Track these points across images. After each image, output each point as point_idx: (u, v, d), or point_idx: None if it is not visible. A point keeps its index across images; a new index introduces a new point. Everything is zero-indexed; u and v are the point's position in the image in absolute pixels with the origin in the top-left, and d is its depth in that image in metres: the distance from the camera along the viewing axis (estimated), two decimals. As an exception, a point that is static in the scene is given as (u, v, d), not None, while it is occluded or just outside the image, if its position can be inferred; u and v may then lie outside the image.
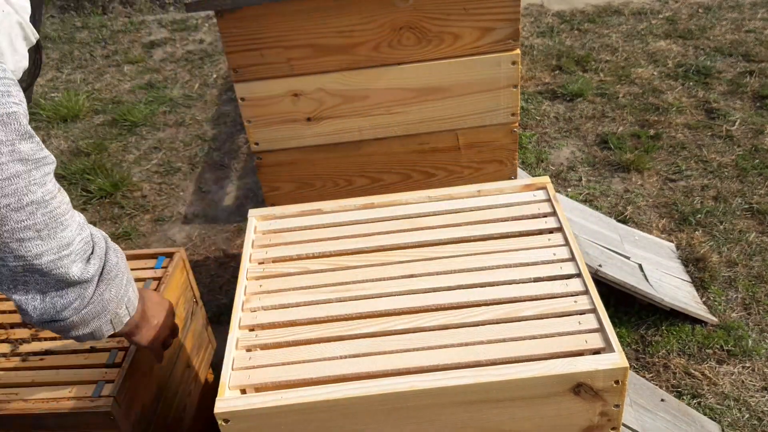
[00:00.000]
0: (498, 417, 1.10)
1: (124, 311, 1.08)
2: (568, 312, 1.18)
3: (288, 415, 1.07)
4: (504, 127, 1.85)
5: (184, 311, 1.61)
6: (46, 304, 0.95)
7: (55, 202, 0.91)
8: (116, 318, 1.07)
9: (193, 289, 1.67)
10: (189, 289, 1.65)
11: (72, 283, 0.95)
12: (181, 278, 1.60)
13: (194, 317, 1.67)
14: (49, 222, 0.90)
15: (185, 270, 1.63)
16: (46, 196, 0.89)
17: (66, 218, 0.93)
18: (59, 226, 0.91)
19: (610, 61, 3.52)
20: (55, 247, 0.91)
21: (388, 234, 1.39)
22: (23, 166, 0.86)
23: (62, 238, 0.92)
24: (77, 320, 1.00)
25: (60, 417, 1.29)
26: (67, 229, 0.93)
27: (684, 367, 1.95)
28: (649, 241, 2.36)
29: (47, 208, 0.90)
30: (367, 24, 1.67)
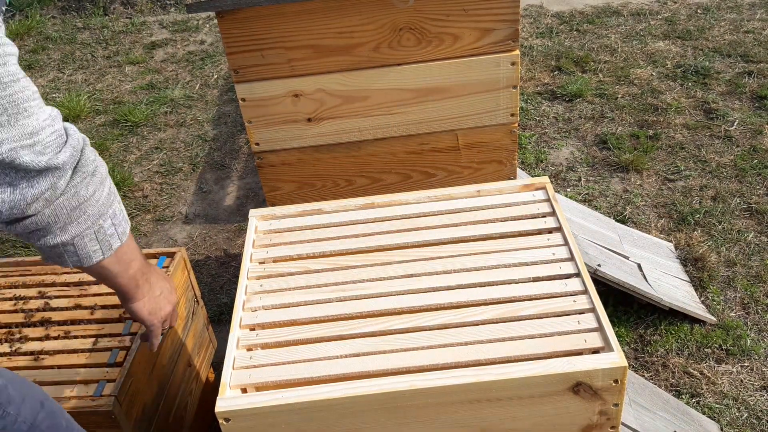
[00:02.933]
0: (498, 416, 1.11)
1: (109, 226, 0.96)
2: (567, 311, 1.18)
3: (288, 414, 1.07)
4: (503, 127, 1.86)
5: (185, 311, 1.62)
6: (15, 195, 0.84)
7: (16, 86, 0.81)
8: (101, 233, 0.95)
9: (194, 289, 1.67)
10: (190, 288, 1.65)
11: (41, 171, 0.84)
12: (182, 278, 1.61)
13: (195, 317, 1.67)
14: (8, 107, 0.80)
15: (186, 270, 1.63)
16: (5, 77, 0.80)
17: (31, 105, 0.83)
18: (21, 113, 0.82)
19: (609, 61, 3.52)
20: (16, 135, 0.81)
21: (388, 234, 1.40)
22: None
23: (26, 126, 0.82)
24: (50, 215, 0.88)
25: None
26: (32, 118, 0.83)
27: (683, 367, 1.96)
28: (647, 240, 2.36)
29: (7, 90, 0.80)
30: (368, 25, 1.68)
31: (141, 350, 1.39)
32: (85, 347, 1.41)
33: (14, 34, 4.44)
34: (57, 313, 1.51)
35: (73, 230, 0.91)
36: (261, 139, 1.84)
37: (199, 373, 1.69)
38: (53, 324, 1.48)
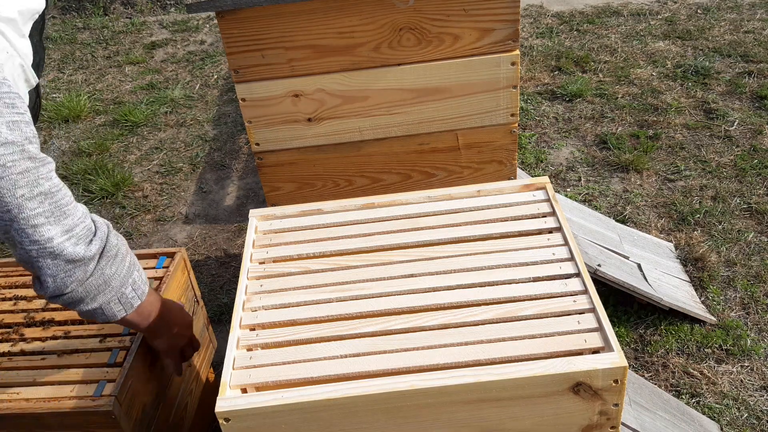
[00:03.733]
0: (498, 416, 1.11)
1: (130, 292, 1.19)
2: (567, 311, 1.18)
3: (288, 414, 1.07)
4: (503, 127, 1.86)
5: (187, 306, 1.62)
6: (57, 283, 1.08)
7: (59, 194, 1.05)
8: (123, 298, 1.18)
9: (194, 289, 1.68)
10: (190, 288, 1.65)
11: (76, 261, 1.08)
12: (182, 278, 1.61)
13: (195, 317, 1.67)
14: (55, 210, 1.04)
15: (186, 270, 1.64)
16: (52, 188, 1.03)
17: (69, 208, 1.06)
18: (63, 215, 1.05)
19: (609, 61, 3.52)
20: (60, 231, 1.04)
21: (388, 234, 1.40)
22: (32, 163, 1.00)
23: (66, 224, 1.05)
24: (82, 292, 1.11)
25: (61, 416, 1.30)
26: (70, 217, 1.06)
27: (683, 367, 1.96)
28: (647, 240, 2.36)
29: (54, 198, 1.03)
30: (368, 25, 1.68)
31: (141, 350, 1.39)
32: (85, 347, 1.41)
33: (14, 34, 4.44)
34: (57, 313, 1.51)
35: (100, 299, 1.15)
36: (261, 139, 1.84)
37: (199, 373, 1.69)
38: (53, 324, 1.48)
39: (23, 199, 0.99)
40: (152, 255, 1.63)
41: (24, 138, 0.99)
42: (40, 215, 1.02)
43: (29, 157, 1.00)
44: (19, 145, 0.98)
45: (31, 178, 1.00)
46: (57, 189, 1.05)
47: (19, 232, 1.02)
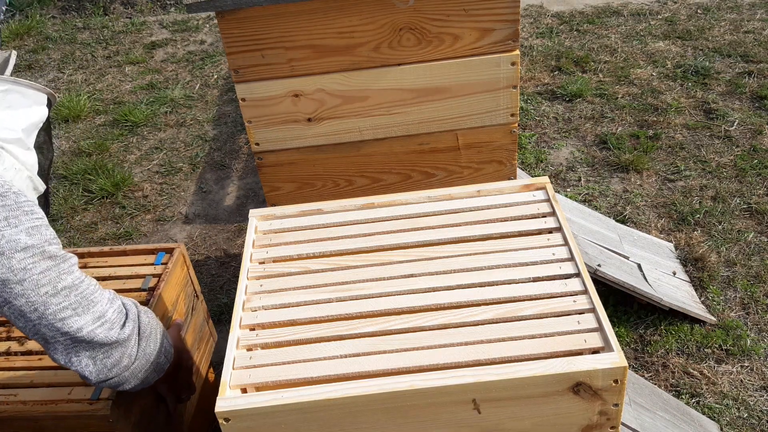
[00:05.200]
0: (497, 416, 1.11)
1: (164, 360, 1.27)
2: (567, 311, 1.18)
3: (288, 415, 1.07)
4: (503, 127, 1.86)
5: (185, 307, 1.62)
6: (98, 365, 1.13)
7: (83, 285, 1.10)
8: (158, 367, 1.26)
9: (193, 284, 1.68)
10: (189, 284, 1.65)
11: (113, 344, 1.13)
12: (181, 274, 1.61)
13: (195, 312, 1.68)
14: (81, 301, 1.09)
15: (185, 266, 1.64)
16: (75, 281, 1.09)
17: (95, 296, 1.12)
18: (90, 303, 1.10)
19: (609, 61, 3.52)
20: (90, 320, 1.10)
21: (388, 234, 1.40)
22: (52, 262, 1.06)
23: (95, 312, 1.11)
24: (129, 375, 1.19)
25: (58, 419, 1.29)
26: (98, 304, 1.11)
27: (683, 367, 1.96)
28: (647, 240, 2.36)
29: (78, 290, 1.09)
30: (368, 25, 1.68)
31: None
32: None
33: (14, 34, 4.45)
34: None
35: (142, 376, 1.22)
36: (261, 139, 1.84)
37: (199, 368, 1.69)
38: None
39: (47, 296, 1.05)
40: (150, 251, 1.63)
41: (44, 240, 1.05)
42: (67, 308, 1.07)
43: (49, 256, 1.05)
44: (39, 248, 1.04)
45: (52, 276, 1.05)
46: (80, 281, 1.09)
47: (49, 327, 1.07)
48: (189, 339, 1.64)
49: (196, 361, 1.66)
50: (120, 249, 1.66)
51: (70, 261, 1.10)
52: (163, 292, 1.51)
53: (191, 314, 1.66)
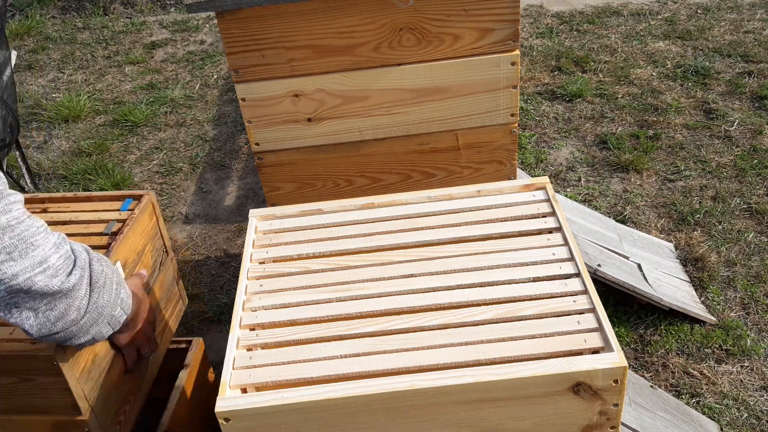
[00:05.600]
0: (497, 416, 1.11)
1: (119, 312, 1.16)
2: (567, 311, 1.18)
3: (288, 415, 1.07)
4: (503, 127, 1.86)
5: (151, 260, 1.53)
6: (40, 318, 1.02)
7: (22, 226, 0.98)
8: (113, 320, 1.15)
9: (163, 238, 1.55)
10: (159, 237, 1.54)
11: (56, 294, 1.01)
12: (149, 223, 1.49)
13: (163, 268, 1.57)
14: (18, 244, 0.96)
15: (155, 216, 1.51)
16: (11, 221, 0.96)
17: (37, 239, 0.99)
18: (30, 247, 0.98)
19: (609, 61, 3.52)
20: (28, 265, 0.97)
21: (388, 234, 1.40)
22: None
23: (35, 257, 0.98)
24: (77, 330, 1.08)
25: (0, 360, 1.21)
26: (39, 249, 0.99)
27: (683, 367, 1.96)
28: (647, 240, 2.36)
29: (14, 231, 0.96)
30: (368, 25, 1.68)
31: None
32: None
33: (14, 34, 4.44)
34: None
35: (93, 330, 1.11)
36: (261, 139, 1.84)
37: (165, 328, 1.60)
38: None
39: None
40: (117, 197, 1.51)
41: None
42: (0, 252, 0.95)
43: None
44: None
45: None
46: (18, 222, 0.97)
47: None
48: (155, 296, 1.54)
49: (162, 320, 1.59)
50: (84, 195, 1.53)
51: (8, 199, 0.98)
52: (127, 238, 1.40)
53: (159, 269, 1.55)
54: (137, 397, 1.48)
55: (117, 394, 1.39)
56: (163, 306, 1.59)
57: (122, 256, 1.38)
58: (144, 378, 1.49)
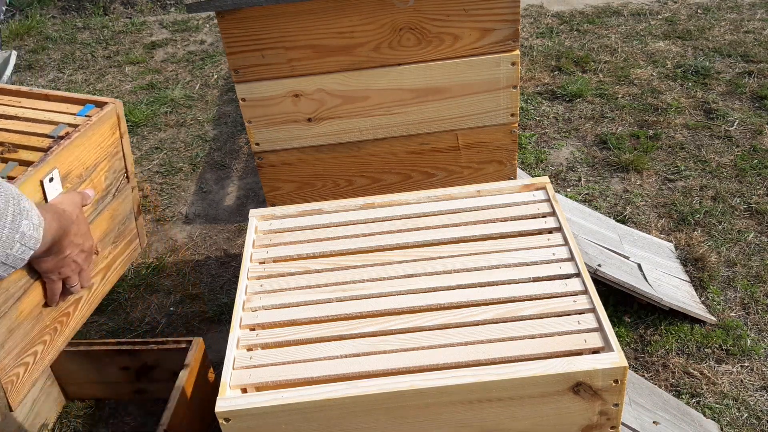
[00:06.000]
0: (497, 416, 1.11)
1: (18, 249, 0.96)
2: (567, 311, 1.18)
3: (288, 415, 1.07)
4: (503, 127, 1.86)
5: (105, 182, 1.32)
6: None
7: None
8: (10, 257, 0.96)
9: (125, 160, 1.33)
10: (119, 157, 1.30)
11: None
12: (108, 137, 1.26)
13: (120, 195, 1.34)
14: None
15: (118, 131, 1.29)
16: None
17: None
18: None
19: (609, 61, 3.52)
20: None
21: (388, 234, 1.40)
22: None
23: None
24: None
25: None
26: None
27: (683, 367, 1.96)
28: (648, 240, 2.36)
29: None
30: (368, 25, 1.68)
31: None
32: None
33: (14, 34, 4.44)
34: None
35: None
36: (261, 139, 1.84)
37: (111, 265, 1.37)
38: None
39: None
40: (78, 100, 1.33)
41: None
42: None
43: None
44: None
45: None
46: None
47: None
48: (101, 225, 1.33)
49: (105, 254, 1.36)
50: (42, 92, 1.36)
51: None
52: (74, 146, 1.19)
53: (114, 196, 1.34)
54: (56, 339, 1.26)
55: (26, 330, 1.17)
56: (112, 240, 1.37)
57: (63, 165, 1.17)
58: (70, 318, 1.28)
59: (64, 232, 1.09)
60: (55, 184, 1.18)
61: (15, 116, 1.28)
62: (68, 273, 1.15)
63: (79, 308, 1.32)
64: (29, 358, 1.20)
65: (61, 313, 1.26)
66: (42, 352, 1.23)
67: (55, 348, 1.27)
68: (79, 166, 1.24)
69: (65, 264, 1.13)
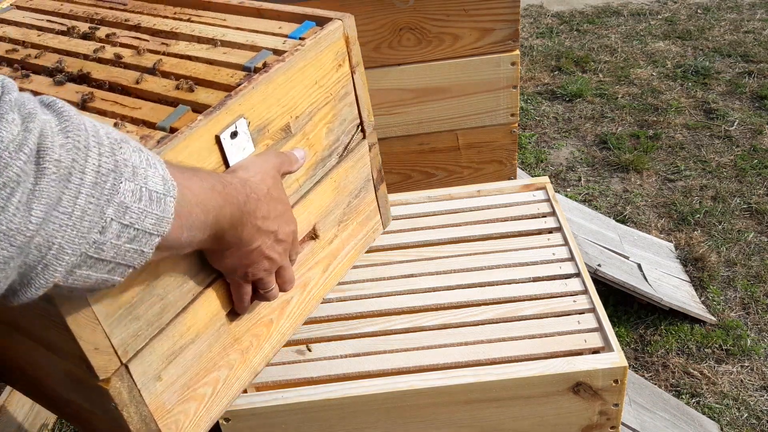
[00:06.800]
0: (497, 416, 1.11)
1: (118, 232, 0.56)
2: (567, 311, 1.18)
3: (288, 415, 1.07)
4: (503, 127, 1.85)
5: (325, 137, 0.88)
6: None
7: None
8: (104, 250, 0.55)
9: (358, 104, 0.92)
10: (349, 100, 0.90)
11: None
12: (328, 69, 0.86)
13: (351, 158, 0.92)
14: None
15: (346, 62, 0.87)
16: None
17: None
18: None
19: (609, 61, 3.52)
20: None
21: (388, 234, 1.40)
22: None
23: None
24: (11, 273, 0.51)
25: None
26: None
27: (683, 367, 1.96)
28: (647, 240, 2.36)
29: None
30: (368, 25, 1.68)
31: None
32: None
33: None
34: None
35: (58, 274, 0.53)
36: (261, 139, 1.84)
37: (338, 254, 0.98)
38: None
39: None
40: (298, 17, 0.91)
41: None
42: None
43: None
44: None
45: None
46: None
47: None
48: (321, 200, 0.91)
49: (328, 238, 0.94)
50: (254, 6, 0.98)
51: None
52: (273, 83, 0.79)
53: (340, 158, 0.92)
54: (249, 359, 0.89)
55: (199, 351, 0.80)
56: (338, 218, 0.96)
57: (256, 112, 0.78)
58: (272, 328, 0.90)
59: (245, 213, 0.71)
60: (241, 141, 0.77)
61: (212, 39, 0.91)
62: (259, 273, 0.79)
63: (286, 314, 0.94)
64: (204, 388, 0.85)
65: (258, 322, 0.89)
66: (227, 378, 0.88)
67: (248, 371, 0.92)
68: (284, 114, 0.83)
69: (253, 261, 0.77)
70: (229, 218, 0.69)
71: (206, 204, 0.65)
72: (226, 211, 0.68)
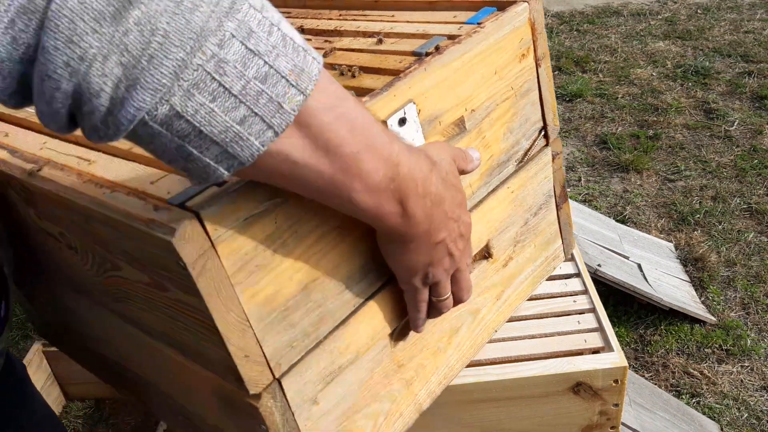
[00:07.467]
0: (497, 416, 1.11)
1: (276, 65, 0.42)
2: (567, 311, 1.18)
3: (289, 414, 1.07)
4: (503, 127, 1.85)
5: (503, 138, 0.76)
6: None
7: None
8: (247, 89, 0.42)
9: (542, 105, 0.81)
10: (532, 98, 0.79)
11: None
12: (510, 59, 0.74)
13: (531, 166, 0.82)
14: None
15: (530, 51, 0.76)
16: None
17: None
18: None
19: (609, 61, 3.52)
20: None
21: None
22: None
23: None
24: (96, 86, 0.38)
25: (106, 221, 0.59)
26: None
27: (683, 367, 1.96)
28: (647, 240, 2.36)
29: None
30: (368, 25, 1.68)
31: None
32: None
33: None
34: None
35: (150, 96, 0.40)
36: (261, 139, 1.84)
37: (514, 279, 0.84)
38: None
39: None
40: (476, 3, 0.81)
41: None
42: None
43: None
44: None
45: None
46: None
47: None
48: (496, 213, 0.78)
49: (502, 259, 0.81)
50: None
51: None
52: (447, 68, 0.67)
53: (519, 166, 0.80)
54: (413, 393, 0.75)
55: (361, 373, 0.67)
56: (514, 237, 0.82)
57: (426, 99, 0.66)
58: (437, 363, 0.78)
59: (440, 197, 0.57)
60: (410, 130, 0.65)
61: (378, 33, 0.83)
62: (440, 274, 0.62)
63: (454, 344, 0.79)
64: (364, 421, 0.69)
65: (424, 349, 0.76)
66: (389, 413, 0.72)
67: (413, 407, 0.76)
68: (458, 106, 0.70)
69: (437, 257, 0.60)
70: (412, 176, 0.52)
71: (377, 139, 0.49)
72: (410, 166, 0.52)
